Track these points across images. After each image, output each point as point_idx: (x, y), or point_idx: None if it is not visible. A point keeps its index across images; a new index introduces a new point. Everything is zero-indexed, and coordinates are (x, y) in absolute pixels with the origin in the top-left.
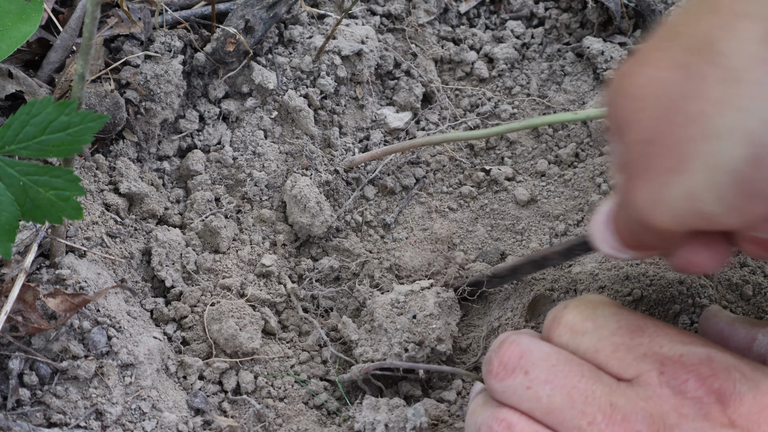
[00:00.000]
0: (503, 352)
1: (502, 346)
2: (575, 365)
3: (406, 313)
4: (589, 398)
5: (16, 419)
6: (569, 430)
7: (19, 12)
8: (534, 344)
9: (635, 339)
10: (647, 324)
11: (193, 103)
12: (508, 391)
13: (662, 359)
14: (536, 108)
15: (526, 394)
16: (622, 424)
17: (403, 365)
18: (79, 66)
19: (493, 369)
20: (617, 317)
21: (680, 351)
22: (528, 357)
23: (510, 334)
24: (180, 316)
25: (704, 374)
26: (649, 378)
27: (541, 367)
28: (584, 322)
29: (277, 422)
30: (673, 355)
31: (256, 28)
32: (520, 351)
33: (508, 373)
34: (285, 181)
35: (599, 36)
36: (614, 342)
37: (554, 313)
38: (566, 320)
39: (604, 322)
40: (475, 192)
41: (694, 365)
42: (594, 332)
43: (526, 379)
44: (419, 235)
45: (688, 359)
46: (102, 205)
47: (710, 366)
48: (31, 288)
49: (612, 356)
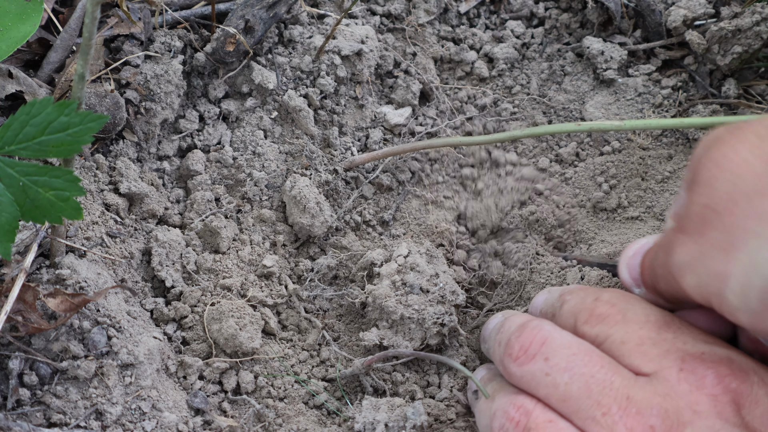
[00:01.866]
0: (525, 336)
1: (524, 330)
2: (596, 356)
3: (412, 290)
4: (606, 389)
5: (16, 419)
6: (583, 419)
7: (19, 12)
8: (556, 332)
9: (661, 334)
10: (674, 321)
11: (193, 103)
12: (527, 375)
13: (684, 356)
14: (536, 107)
15: (544, 380)
16: (636, 417)
17: (406, 353)
18: (79, 66)
19: (513, 352)
20: (646, 312)
21: (702, 349)
22: (550, 344)
23: (531, 319)
24: (180, 316)
25: (723, 373)
26: (668, 374)
27: (562, 355)
28: (616, 314)
29: (277, 422)
30: (695, 352)
31: (256, 28)
32: (543, 337)
33: (528, 358)
34: (285, 181)
35: (599, 36)
36: (641, 335)
37: (584, 303)
38: (599, 311)
39: (634, 315)
40: (476, 173)
41: (714, 363)
42: (623, 324)
43: (546, 366)
44: (415, 229)
45: (709, 357)
46: (102, 205)
47: (730, 366)
48: (31, 288)
49: (636, 349)
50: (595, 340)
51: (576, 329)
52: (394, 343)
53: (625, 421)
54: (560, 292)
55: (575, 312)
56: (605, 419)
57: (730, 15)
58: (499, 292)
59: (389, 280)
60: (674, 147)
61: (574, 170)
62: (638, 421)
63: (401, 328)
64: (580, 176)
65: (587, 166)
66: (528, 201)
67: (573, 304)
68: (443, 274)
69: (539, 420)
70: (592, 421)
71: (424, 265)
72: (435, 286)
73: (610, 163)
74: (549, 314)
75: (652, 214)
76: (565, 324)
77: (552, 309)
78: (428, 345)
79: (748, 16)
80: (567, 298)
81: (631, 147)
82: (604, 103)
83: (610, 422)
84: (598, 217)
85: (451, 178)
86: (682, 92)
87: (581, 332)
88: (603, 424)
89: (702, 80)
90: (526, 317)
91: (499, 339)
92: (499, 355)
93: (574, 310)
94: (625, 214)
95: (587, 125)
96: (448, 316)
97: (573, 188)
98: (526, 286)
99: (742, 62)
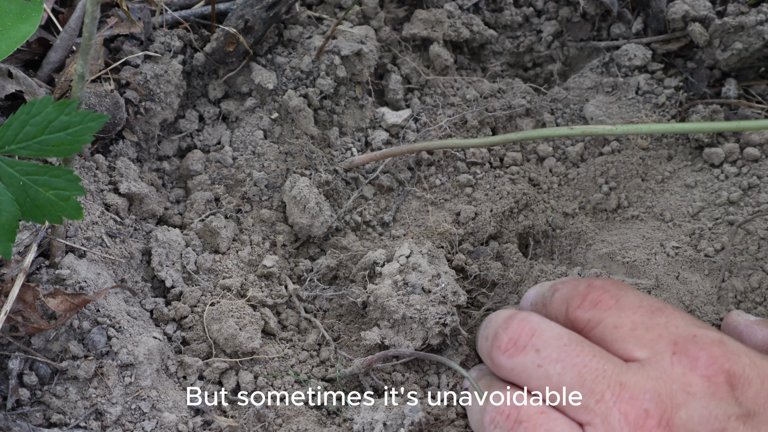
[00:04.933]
0: (513, 329)
1: (511, 322)
2: (586, 346)
3: (414, 290)
4: (599, 377)
5: (16, 419)
6: (576, 409)
7: (19, 12)
8: (544, 323)
9: (654, 319)
10: (666, 306)
11: (192, 104)
12: (518, 368)
13: (676, 339)
14: (543, 105)
15: (536, 372)
16: (630, 402)
17: (405, 353)
18: (78, 66)
19: (502, 345)
20: (639, 297)
21: (694, 332)
22: (540, 335)
23: (518, 312)
24: (180, 316)
25: (716, 354)
26: (661, 358)
27: (553, 346)
28: (609, 299)
29: (276, 422)
30: (688, 334)
31: (255, 27)
32: (531, 329)
33: (518, 350)
34: (285, 181)
35: (600, 28)
36: (634, 320)
37: (576, 289)
38: (592, 296)
39: (626, 301)
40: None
41: (707, 344)
42: (616, 309)
43: (538, 357)
44: (415, 230)
45: (702, 339)
46: (102, 205)
47: (722, 347)
48: (31, 288)
49: (630, 333)
50: (588, 325)
51: (568, 315)
52: (395, 343)
53: (619, 406)
54: (551, 283)
55: (567, 298)
56: (599, 406)
57: (735, 12)
58: (498, 292)
59: (391, 279)
60: (674, 147)
61: (577, 171)
62: (632, 406)
63: (403, 327)
64: (582, 177)
65: (588, 167)
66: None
67: (565, 291)
68: (445, 274)
69: (531, 411)
70: (586, 410)
71: (426, 266)
72: (437, 286)
73: (610, 163)
74: (540, 304)
75: (652, 215)
76: (557, 311)
77: (543, 299)
78: (429, 345)
79: (753, 15)
80: (559, 287)
81: (631, 147)
82: (605, 102)
83: (604, 409)
84: (598, 218)
85: (451, 179)
86: (682, 92)
87: (573, 317)
88: (597, 412)
89: (699, 81)
90: (512, 311)
91: (486, 333)
92: (486, 348)
93: (566, 296)
94: (625, 214)
95: (579, 129)
96: (450, 316)
97: (573, 189)
98: (526, 286)
99: (741, 60)
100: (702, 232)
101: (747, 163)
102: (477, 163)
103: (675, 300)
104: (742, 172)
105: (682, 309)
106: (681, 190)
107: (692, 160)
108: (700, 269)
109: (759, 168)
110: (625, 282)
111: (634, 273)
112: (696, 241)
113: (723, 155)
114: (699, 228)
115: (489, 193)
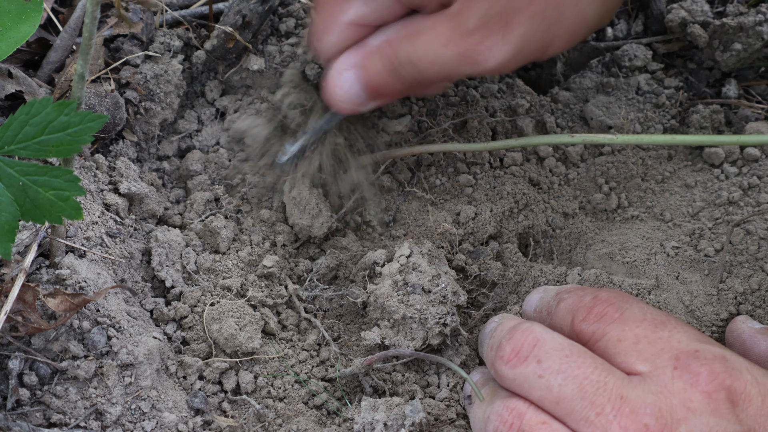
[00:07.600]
0: (516, 339)
1: (515, 333)
2: (588, 357)
3: (414, 290)
4: (600, 389)
5: (16, 419)
6: (577, 420)
7: (18, 12)
8: (547, 333)
9: (657, 332)
10: (670, 320)
11: (192, 104)
12: (519, 378)
13: (678, 354)
14: (543, 105)
15: (537, 383)
16: (630, 416)
17: (404, 353)
18: (78, 66)
19: (505, 355)
20: (643, 311)
21: (696, 347)
22: (542, 346)
23: (522, 322)
24: (180, 316)
25: (717, 370)
26: (662, 372)
27: (555, 357)
28: (614, 312)
29: (276, 422)
30: (689, 349)
31: (252, 22)
32: (534, 339)
33: (520, 361)
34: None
35: (600, 29)
36: (637, 334)
37: (582, 301)
38: (597, 309)
39: (631, 314)
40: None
41: (708, 360)
42: (620, 322)
43: (539, 368)
44: (415, 230)
45: (703, 354)
46: (102, 205)
47: (724, 363)
48: (31, 288)
49: (632, 347)
50: (592, 338)
51: (573, 326)
52: (395, 343)
53: (619, 420)
54: (556, 291)
55: (573, 310)
56: (599, 419)
57: (735, 13)
58: (498, 292)
59: (391, 279)
60: (674, 147)
61: (577, 171)
62: (632, 420)
63: (403, 327)
64: (582, 177)
65: (588, 167)
66: (524, 206)
67: (570, 302)
68: (445, 274)
69: (532, 422)
70: (586, 422)
71: (426, 266)
72: (437, 286)
73: (610, 163)
74: (544, 312)
75: (652, 215)
76: (562, 321)
77: (548, 307)
78: (429, 345)
79: (752, 15)
80: (564, 297)
81: (631, 147)
82: (606, 102)
83: (604, 422)
84: (598, 218)
85: (451, 179)
86: (683, 92)
87: (578, 329)
88: (597, 425)
89: (700, 81)
90: (517, 320)
91: (491, 343)
92: (490, 358)
93: (571, 307)
94: (625, 214)
95: (580, 137)
96: (450, 316)
97: (574, 189)
98: (526, 286)
99: (741, 60)
100: (702, 232)
101: (747, 163)
102: (477, 163)
103: (675, 300)
104: (742, 172)
105: (682, 309)
106: (681, 190)
107: (692, 160)
108: (700, 269)
109: (759, 168)
110: (625, 282)
111: (634, 273)
112: (696, 241)
113: (723, 155)
114: (699, 228)
115: (489, 194)
